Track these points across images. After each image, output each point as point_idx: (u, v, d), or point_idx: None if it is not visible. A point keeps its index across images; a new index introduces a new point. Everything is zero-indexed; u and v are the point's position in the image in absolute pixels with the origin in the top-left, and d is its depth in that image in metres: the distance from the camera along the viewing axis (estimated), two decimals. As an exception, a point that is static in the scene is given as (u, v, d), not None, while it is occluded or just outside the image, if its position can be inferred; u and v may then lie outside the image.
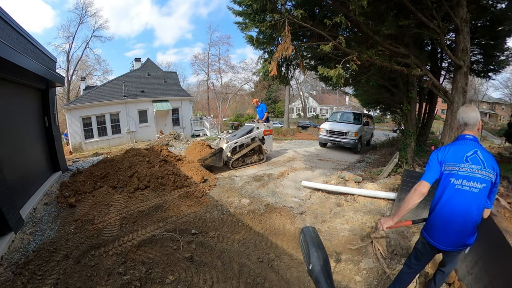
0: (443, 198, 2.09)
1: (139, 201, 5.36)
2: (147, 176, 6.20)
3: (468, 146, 2.06)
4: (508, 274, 2.15)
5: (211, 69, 41.84)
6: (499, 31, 7.65)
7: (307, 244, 0.96)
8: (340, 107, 51.80)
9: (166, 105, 22.11)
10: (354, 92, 14.94)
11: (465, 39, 5.33)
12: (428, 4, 4.86)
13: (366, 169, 8.95)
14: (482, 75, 9.87)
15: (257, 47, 6.30)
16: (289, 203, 5.80)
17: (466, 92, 5.64)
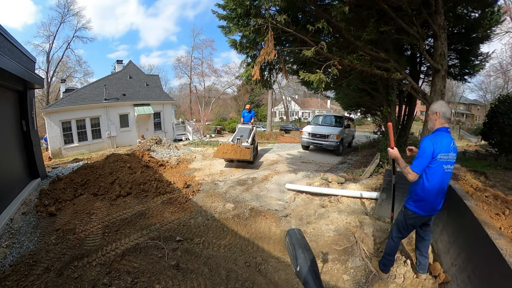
0: (436, 181, 2.63)
1: (121, 209, 5.30)
2: (129, 183, 6.14)
3: (449, 137, 2.63)
4: (488, 263, 2.38)
5: (194, 72, 41.82)
6: (473, 38, 8.28)
7: (294, 246, 0.98)
8: (322, 110, 53.10)
9: (148, 109, 21.78)
10: (336, 95, 15.44)
11: (442, 45, 5.69)
12: (408, 11, 5.15)
13: (349, 170, 9.25)
14: (459, 78, 10.54)
15: (240, 51, 6.39)
16: (273, 206, 5.90)
17: (444, 94, 6.00)
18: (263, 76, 6.89)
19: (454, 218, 3.59)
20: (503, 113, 8.41)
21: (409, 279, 3.14)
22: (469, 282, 2.49)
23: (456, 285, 2.71)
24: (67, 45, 37.15)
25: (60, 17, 34.55)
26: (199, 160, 10.68)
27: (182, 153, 12.23)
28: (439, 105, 2.71)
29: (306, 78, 5.52)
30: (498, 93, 27.97)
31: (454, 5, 6.81)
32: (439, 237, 3.78)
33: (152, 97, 23.33)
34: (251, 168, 9.31)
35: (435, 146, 2.56)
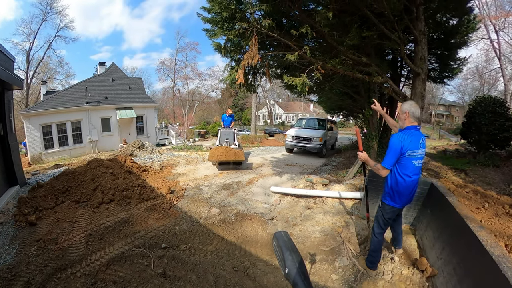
0: (408, 175, 2.86)
1: (104, 216, 5.19)
2: (112, 189, 6.02)
3: (419, 134, 2.85)
4: (472, 254, 2.55)
5: (177, 75, 41.55)
6: (452, 43, 8.80)
7: (281, 248, 0.98)
8: (305, 114, 53.85)
9: (130, 113, 21.32)
10: (318, 99, 15.68)
11: (423, 49, 5.95)
12: (390, 17, 5.35)
13: (332, 171, 9.47)
14: (438, 81, 11.11)
15: (224, 55, 6.40)
16: (259, 209, 5.94)
17: (424, 96, 6.26)
18: (247, 80, 6.95)
19: (437, 214, 3.79)
20: (480, 114, 8.99)
21: (397, 275, 3.28)
22: (455, 273, 2.65)
23: (443, 277, 2.87)
24: (48, 45, 35.67)
25: (42, 15, 33.03)
26: (182, 165, 10.60)
27: (166, 158, 12.10)
28: (409, 105, 2.91)
29: (290, 82, 5.61)
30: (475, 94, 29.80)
31: (434, 12, 7.17)
32: (424, 233, 3.98)
33: (134, 100, 22.88)
34: (235, 172, 9.33)
35: (403, 143, 2.75)
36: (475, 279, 2.33)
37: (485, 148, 9.17)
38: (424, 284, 3.08)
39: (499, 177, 6.89)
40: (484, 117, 8.81)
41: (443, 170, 7.34)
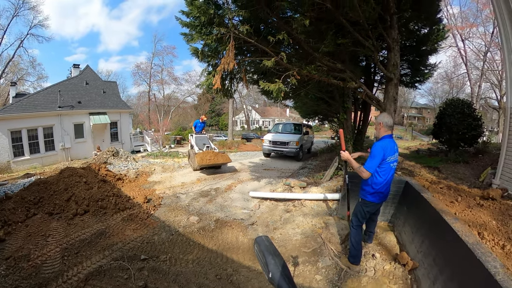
0: (385, 176, 3.31)
1: (79, 228, 4.99)
2: (86, 199, 5.81)
3: (393, 143, 3.33)
4: (449, 244, 2.78)
5: (153, 80, 40.80)
6: (423, 50, 9.67)
7: (263, 253, 0.99)
8: (282, 119, 54.94)
9: (104, 118, 20.51)
10: (294, 104, 16.18)
11: (395, 56, 6.32)
12: (365, 25, 5.61)
13: (309, 174, 9.70)
14: (410, 85, 12.17)
15: (201, 60, 6.44)
16: (239, 215, 5.98)
17: (397, 100, 6.62)
18: (224, 85, 6.99)
19: (414, 210, 4.06)
20: (450, 115, 9.65)
21: (380, 271, 3.45)
22: (435, 264, 2.87)
23: (424, 268, 3.08)
24: (20, 43, 33.16)
25: (13, 9, 30.48)
26: (158, 173, 10.43)
27: (141, 166, 11.83)
28: (382, 116, 3.42)
29: (266, 87, 5.71)
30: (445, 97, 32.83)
31: (407, 21, 7.74)
32: (402, 229, 4.23)
33: (108, 105, 22.08)
34: (213, 178, 9.31)
35: (385, 151, 3.22)
36: (454, 266, 2.55)
37: (456, 146, 9.86)
38: (407, 277, 3.28)
39: (469, 172, 7.43)
40: (454, 118, 9.49)
41: (417, 168, 7.76)
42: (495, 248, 2.58)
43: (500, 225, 3.07)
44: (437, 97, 45.33)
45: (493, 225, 3.08)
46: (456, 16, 26.62)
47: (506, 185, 5.41)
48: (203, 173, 10.04)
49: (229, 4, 5.97)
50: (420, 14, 7.37)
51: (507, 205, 3.62)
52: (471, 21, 25.58)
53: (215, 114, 56.37)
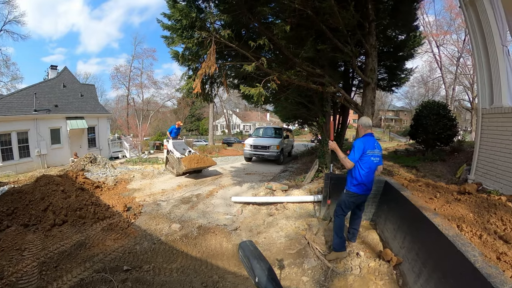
0: (367, 168, 3.69)
1: (58, 240, 4.78)
2: (64, 209, 5.58)
3: (373, 139, 3.81)
4: (430, 238, 2.97)
5: (132, 83, 39.71)
6: (400, 56, 10.18)
7: (248, 258, 0.99)
8: (262, 123, 55.13)
9: (82, 123, 19.57)
10: (275, 109, 16.46)
11: (373, 61, 6.59)
12: (344, 32, 5.84)
13: (291, 177, 9.85)
14: (387, 89, 12.72)
15: (182, 64, 6.42)
16: (222, 221, 5.97)
17: (374, 103, 6.91)
18: (204, 89, 7.00)
19: (395, 208, 4.27)
20: (426, 116, 10.20)
21: (365, 269, 3.57)
22: (418, 258, 3.06)
23: (408, 263, 3.26)
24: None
25: None
26: (138, 180, 10.19)
27: (119, 173, 11.53)
28: (361, 119, 4.03)
29: (247, 92, 5.78)
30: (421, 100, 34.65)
31: (385, 28, 8.14)
32: (384, 226, 4.43)
33: (86, 109, 21.12)
34: (194, 185, 9.24)
35: (364, 144, 3.69)
36: (437, 259, 2.73)
37: (432, 146, 10.41)
38: (392, 273, 3.42)
39: (446, 169, 7.85)
40: (430, 119, 10.04)
41: (396, 168, 8.09)
42: (473, 239, 2.76)
43: (476, 217, 3.29)
44: (413, 100, 47.66)
45: (470, 217, 3.30)
46: (432, 24, 29.27)
47: (480, 179, 5.86)
48: (184, 179, 9.94)
49: (211, 8, 6.03)
50: (397, 21, 7.80)
51: (482, 198, 3.89)
52: (445, 29, 28.14)
53: (195, 118, 55.92)
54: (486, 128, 6.05)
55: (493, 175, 5.58)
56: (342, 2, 5.29)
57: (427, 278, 2.72)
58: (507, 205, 3.52)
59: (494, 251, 2.49)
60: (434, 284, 2.57)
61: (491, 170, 5.67)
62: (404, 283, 3.16)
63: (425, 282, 2.73)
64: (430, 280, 2.66)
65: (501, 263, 2.29)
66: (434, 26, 29.08)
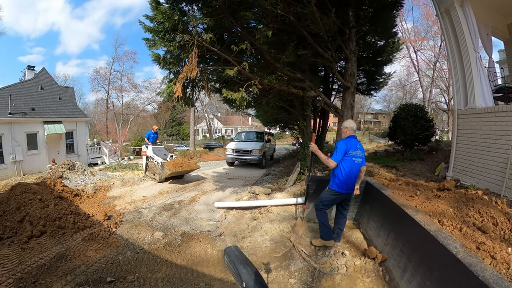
0: (349, 168, 3.86)
1: (36, 253, 4.52)
2: (42, 219, 5.30)
3: (356, 141, 4.00)
4: (413, 234, 3.12)
5: (112, 86, 38.40)
6: (379, 61, 10.61)
7: (234, 263, 0.98)
8: (244, 127, 55.22)
9: (60, 128, 18.57)
10: (256, 113, 16.66)
11: (352, 66, 6.84)
12: (325, 37, 6.03)
13: (273, 181, 9.96)
14: (366, 93, 13.16)
15: (163, 67, 6.38)
16: (205, 227, 5.94)
17: (353, 107, 7.15)
18: (186, 93, 6.98)
19: (377, 207, 4.45)
20: (404, 118, 10.70)
21: (351, 267, 3.66)
22: (403, 254, 3.19)
23: (393, 259, 3.39)
24: None
25: None
26: (118, 187, 9.94)
27: (99, 180, 11.20)
28: (348, 122, 4.17)
29: (229, 96, 5.85)
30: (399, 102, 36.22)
31: (365, 34, 8.47)
32: (367, 225, 4.59)
33: (64, 113, 20.08)
34: (176, 191, 9.14)
35: (347, 145, 3.88)
36: (421, 253, 2.88)
37: (411, 146, 10.90)
38: (378, 269, 3.53)
39: (425, 168, 8.21)
40: (408, 120, 10.52)
41: (376, 168, 8.36)
42: (454, 232, 2.94)
43: (456, 211, 3.50)
44: (392, 102, 49.25)
45: (450, 212, 3.50)
46: (410, 30, 30.97)
47: (458, 176, 6.24)
48: (165, 186, 9.81)
49: (195, 11, 6.07)
50: (377, 28, 8.15)
51: (461, 193, 4.14)
52: (423, 35, 29.92)
53: (176, 123, 55.26)
54: (462, 128, 6.48)
55: (469, 172, 5.98)
56: (324, 8, 5.48)
57: (413, 272, 2.85)
58: (484, 199, 3.79)
59: (474, 241, 2.69)
60: (420, 278, 2.70)
61: (467, 167, 6.07)
62: (390, 279, 3.28)
63: (411, 276, 2.86)
64: (416, 274, 2.79)
65: (480, 252, 2.48)
66: (412, 33, 30.81)
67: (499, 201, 3.75)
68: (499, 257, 2.36)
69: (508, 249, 2.51)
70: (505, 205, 3.68)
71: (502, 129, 5.17)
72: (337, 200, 4.14)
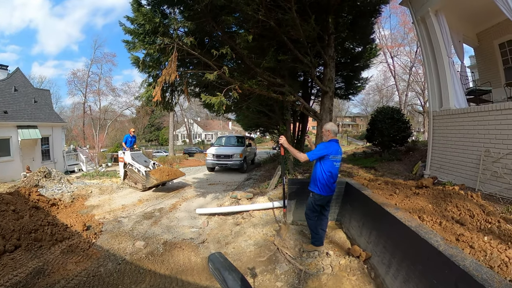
0: (330, 172, 3.93)
1: (10, 270, 4.18)
2: (16, 232, 4.95)
3: (337, 145, 4.05)
4: (395, 231, 3.26)
5: (89, 89, 37.36)
6: (357, 66, 11.05)
7: (219, 270, 0.98)
8: (224, 132, 55.11)
9: (35, 133, 17.67)
10: (237, 117, 16.77)
11: (331, 71, 7.07)
12: (305, 43, 6.18)
13: (255, 185, 10.03)
14: (344, 97, 13.67)
15: (142, 70, 6.29)
16: (188, 235, 5.88)
17: (332, 111, 7.36)
18: (165, 97, 6.92)
19: (357, 207, 4.60)
20: (381, 120, 11.19)
21: (337, 267, 3.75)
22: (386, 250, 3.32)
23: (377, 256, 3.52)
24: None
25: None
26: (96, 195, 9.64)
27: (76, 188, 10.73)
28: (330, 125, 4.21)
29: (208, 100, 5.82)
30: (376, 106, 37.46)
31: (343, 40, 8.75)
32: (349, 225, 4.75)
33: (40, 117, 19.14)
34: (156, 198, 9.01)
35: (327, 149, 3.94)
36: (404, 249, 3.02)
37: (388, 147, 11.36)
38: (363, 267, 3.65)
39: (402, 167, 8.58)
40: (385, 123, 11.01)
41: (355, 169, 8.64)
42: (434, 226, 3.12)
43: (435, 207, 3.71)
44: (369, 106, 51.05)
45: (429, 208, 3.69)
46: (387, 37, 33.04)
47: (435, 173, 6.64)
48: (145, 193, 9.63)
49: (176, 14, 6.07)
50: (355, 34, 8.45)
51: (438, 190, 4.36)
52: (399, 41, 31.97)
53: (154, 128, 54.30)
54: (437, 128, 6.91)
55: (446, 169, 6.38)
56: (304, 15, 5.64)
57: (397, 267, 2.98)
58: (460, 193, 4.02)
59: (453, 234, 2.87)
60: (405, 272, 2.82)
61: (444, 164, 6.47)
62: (376, 275, 3.41)
63: (396, 271, 2.98)
64: (400, 268, 2.91)
65: (460, 243, 2.67)
66: (389, 39, 32.75)
67: (475, 194, 4.02)
68: (477, 246, 2.56)
69: (484, 238, 2.72)
70: (480, 198, 3.97)
71: (475, 128, 5.57)
72: (322, 204, 4.20)
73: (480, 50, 9.01)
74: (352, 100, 14.42)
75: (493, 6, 5.14)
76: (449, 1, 6.41)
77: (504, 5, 4.87)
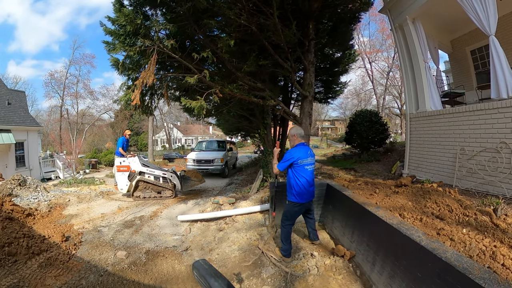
0: (303, 178, 3.89)
1: None
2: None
3: (306, 148, 4.01)
4: (376, 229, 3.37)
5: (67, 92, 35.97)
6: (336, 71, 11.41)
7: (204, 277, 0.97)
8: (205, 136, 54.59)
9: (8, 137, 16.58)
10: (217, 121, 16.74)
11: (311, 76, 7.24)
12: (285, 49, 6.32)
13: (237, 189, 10.08)
14: (323, 101, 14.00)
15: (121, 73, 6.20)
16: (170, 242, 5.79)
17: (311, 114, 7.54)
18: (144, 101, 6.86)
19: (339, 208, 4.71)
20: (360, 123, 11.60)
21: (322, 267, 3.82)
22: (370, 248, 3.43)
23: (361, 254, 3.62)
24: None
25: None
26: (74, 204, 9.24)
27: (53, 196, 10.17)
28: (295, 129, 4.15)
29: (188, 104, 5.84)
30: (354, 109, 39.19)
31: (323, 46, 9.07)
32: (332, 225, 4.86)
33: (14, 120, 18.08)
34: (136, 206, 8.81)
35: (294, 155, 3.89)
36: (387, 246, 3.12)
37: (367, 149, 11.74)
38: (348, 266, 3.74)
39: (382, 168, 8.86)
40: (363, 125, 11.40)
41: (335, 171, 8.84)
42: (415, 222, 3.24)
43: (415, 204, 3.86)
44: (348, 109, 52.57)
45: (409, 205, 3.85)
46: (366, 43, 35.17)
47: (413, 172, 6.92)
48: (124, 202, 9.39)
49: (158, 16, 6.05)
50: (335, 40, 8.77)
51: (417, 188, 4.55)
52: (378, 47, 33.68)
53: (133, 133, 53.06)
54: (414, 130, 7.24)
55: (423, 167, 6.69)
56: (285, 20, 5.78)
57: (382, 264, 3.08)
58: (439, 190, 4.24)
59: (434, 228, 3.01)
60: (390, 268, 2.93)
61: (421, 163, 6.78)
62: (361, 273, 3.50)
63: (381, 268, 3.08)
64: (385, 265, 3.02)
65: (441, 237, 2.80)
66: (368, 45, 34.56)
67: (452, 190, 4.25)
68: (456, 238, 2.71)
69: (463, 230, 2.89)
70: (457, 194, 4.20)
71: (450, 128, 5.91)
72: (300, 212, 4.20)
73: (454, 56, 9.59)
74: (331, 104, 15.05)
75: (466, 16, 5.47)
76: (426, 10, 6.75)
77: (474, 15, 5.23)
